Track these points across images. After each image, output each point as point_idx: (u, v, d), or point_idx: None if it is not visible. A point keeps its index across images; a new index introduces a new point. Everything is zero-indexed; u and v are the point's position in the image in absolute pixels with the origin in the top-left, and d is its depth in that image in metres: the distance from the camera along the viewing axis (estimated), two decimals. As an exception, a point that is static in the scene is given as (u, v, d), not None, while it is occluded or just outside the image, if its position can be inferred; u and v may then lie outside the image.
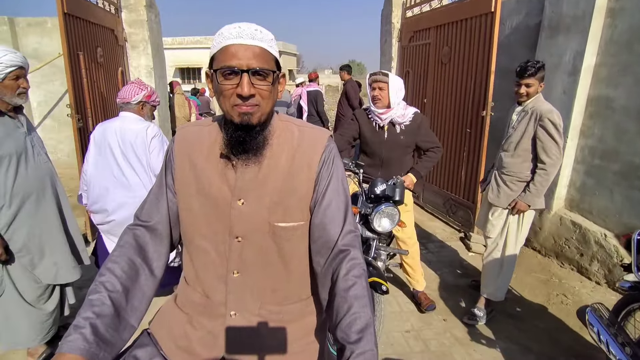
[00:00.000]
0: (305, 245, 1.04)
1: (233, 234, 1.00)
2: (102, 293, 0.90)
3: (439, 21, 4.48)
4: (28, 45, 6.63)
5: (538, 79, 2.52)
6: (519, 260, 3.60)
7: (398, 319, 2.82)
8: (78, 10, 3.84)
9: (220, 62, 0.91)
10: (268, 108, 0.97)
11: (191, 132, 1.08)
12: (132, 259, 1.00)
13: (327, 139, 1.05)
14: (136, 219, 1.08)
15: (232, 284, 1.02)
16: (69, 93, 3.71)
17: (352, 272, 0.93)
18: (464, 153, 4.20)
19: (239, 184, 0.99)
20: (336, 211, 1.01)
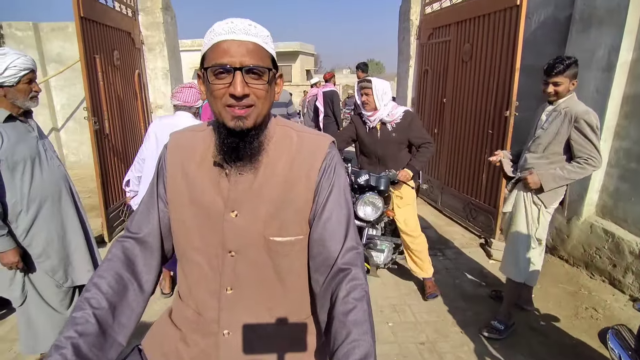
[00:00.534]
0: (304, 262, 0.97)
1: (226, 248, 0.93)
2: (86, 310, 0.85)
3: (460, 17, 4.29)
4: (52, 49, 6.83)
5: (568, 77, 2.35)
6: (544, 270, 3.40)
7: (412, 329, 2.67)
8: (94, 14, 3.87)
9: (211, 60, 0.84)
10: (264, 110, 0.89)
11: (184, 138, 1.01)
12: (119, 274, 0.94)
13: (328, 146, 0.97)
14: (126, 230, 1.02)
15: (226, 301, 0.95)
16: (86, 96, 3.74)
17: (353, 294, 0.84)
18: (485, 155, 4.00)
19: (232, 194, 0.92)
20: (337, 225, 0.92)
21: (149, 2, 5.54)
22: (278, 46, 24.35)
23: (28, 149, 1.91)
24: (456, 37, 4.43)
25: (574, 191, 3.41)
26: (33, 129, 1.99)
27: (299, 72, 24.80)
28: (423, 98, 5.34)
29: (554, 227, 3.61)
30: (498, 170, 3.81)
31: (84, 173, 6.84)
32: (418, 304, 2.99)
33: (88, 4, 3.72)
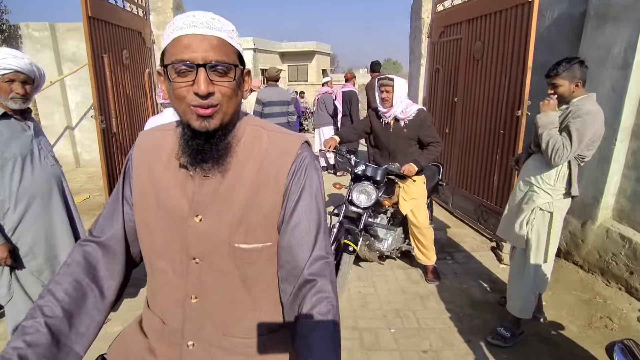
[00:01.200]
0: (272, 271, 0.91)
1: (190, 254, 0.87)
2: (37, 319, 0.80)
3: (471, 14, 4.17)
4: (67, 49, 6.97)
5: (567, 78, 2.26)
6: (557, 276, 3.27)
7: (416, 336, 2.59)
8: (103, 13, 3.90)
9: (171, 56, 0.78)
10: (231, 109, 0.83)
11: (153, 138, 0.96)
12: (78, 280, 0.88)
13: (299, 146, 0.90)
14: (89, 234, 0.96)
15: (190, 310, 0.90)
16: (93, 95, 3.78)
17: (317, 308, 0.79)
18: (497, 156, 3.88)
19: (197, 197, 0.86)
20: (306, 233, 0.86)
21: (160, 2, 5.59)
22: (295, 46, 24.45)
23: (20, 146, 1.91)
24: (467, 35, 4.31)
25: (589, 194, 3.26)
26: (29, 128, 1.99)
27: (315, 72, 24.79)
28: (434, 97, 5.23)
29: (568, 232, 3.47)
30: (510, 171, 3.69)
31: (97, 171, 6.93)
32: (423, 309, 2.90)
33: (96, 4, 3.75)
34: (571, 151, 2.22)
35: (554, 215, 2.39)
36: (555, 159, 2.25)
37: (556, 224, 2.40)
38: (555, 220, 2.39)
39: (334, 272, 0.88)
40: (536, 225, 2.43)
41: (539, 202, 2.40)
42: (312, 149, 0.96)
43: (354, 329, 2.66)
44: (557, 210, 2.39)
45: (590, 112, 2.19)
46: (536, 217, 2.42)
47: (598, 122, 2.21)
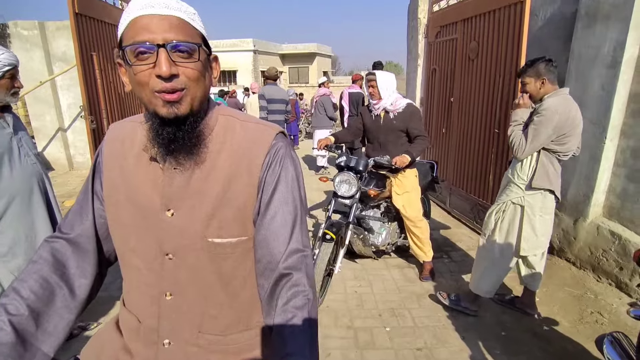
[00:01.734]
0: (249, 266, 0.88)
1: (163, 250, 0.85)
2: (0, 317, 0.77)
3: (466, 14, 4.21)
4: (58, 48, 6.87)
5: (533, 76, 2.40)
6: (550, 272, 3.32)
7: (410, 334, 2.60)
8: (91, 10, 3.85)
9: (129, 39, 0.73)
10: (199, 93, 0.79)
11: (123, 130, 0.91)
12: (45, 277, 0.85)
13: (273, 137, 0.87)
14: (57, 230, 0.93)
15: (165, 308, 0.87)
16: (82, 94, 3.74)
17: (293, 301, 0.78)
18: (492, 155, 3.91)
19: (167, 191, 0.83)
20: (281, 226, 0.83)
21: None
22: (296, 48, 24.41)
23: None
24: (463, 35, 4.34)
25: (580, 192, 3.31)
26: (8, 125, 1.94)
27: (315, 74, 24.84)
28: (431, 97, 5.26)
29: (561, 229, 3.51)
30: (505, 169, 3.71)
31: (89, 172, 6.89)
32: (418, 308, 2.92)
33: (84, 0, 3.70)
34: (527, 146, 2.34)
35: (525, 209, 2.47)
36: (516, 154, 2.41)
37: (527, 219, 2.48)
38: (526, 215, 2.48)
39: (312, 265, 0.86)
40: (508, 217, 2.55)
41: (512, 196, 2.52)
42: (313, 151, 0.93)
43: (349, 328, 2.67)
44: (528, 205, 2.47)
45: (548, 109, 2.28)
46: (509, 209, 2.54)
47: (556, 118, 2.27)
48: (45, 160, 7.30)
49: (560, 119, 2.28)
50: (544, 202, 2.47)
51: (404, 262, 3.61)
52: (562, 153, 2.40)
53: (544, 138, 2.32)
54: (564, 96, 2.37)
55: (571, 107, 2.33)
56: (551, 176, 2.41)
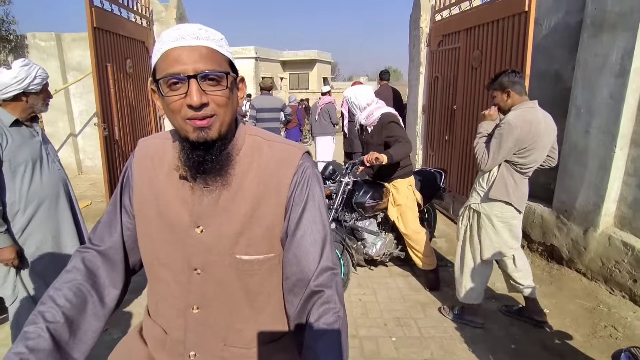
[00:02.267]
0: (275, 281, 0.91)
1: (191, 265, 0.87)
2: (39, 324, 0.80)
3: (469, 23, 4.22)
4: (72, 58, 7.08)
5: (498, 89, 2.46)
6: (560, 284, 3.26)
7: (417, 345, 2.56)
8: (107, 24, 3.97)
9: (162, 70, 0.77)
10: (228, 118, 0.82)
11: (152, 146, 0.94)
12: (78, 286, 0.88)
13: (300, 157, 0.89)
14: (88, 241, 0.96)
15: (192, 321, 0.90)
16: (96, 103, 3.83)
17: (324, 318, 0.80)
18: (498, 164, 3.88)
19: (197, 209, 0.86)
20: (311, 244, 0.85)
21: (163, 12, 5.67)
22: (297, 54, 24.66)
23: (30, 152, 1.98)
24: (465, 44, 4.36)
25: (590, 201, 3.26)
26: (37, 134, 2.07)
27: (316, 80, 25.00)
28: (434, 105, 5.26)
29: (570, 239, 3.45)
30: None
31: (99, 178, 6.97)
32: (424, 317, 2.88)
33: (101, 15, 3.82)
34: (489, 159, 2.41)
35: (481, 216, 2.55)
36: (479, 166, 2.49)
37: (484, 228, 2.55)
38: (482, 223, 2.55)
39: (341, 282, 0.89)
40: (467, 223, 2.65)
41: (471, 201, 2.62)
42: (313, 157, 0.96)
43: (354, 337, 2.64)
44: (484, 212, 2.53)
45: (508, 123, 2.31)
46: (468, 214, 2.65)
47: (516, 132, 2.28)
48: (57, 168, 7.46)
49: (521, 133, 2.29)
50: (501, 211, 2.49)
51: (408, 270, 3.58)
52: (524, 166, 2.40)
53: (504, 151, 2.35)
54: (527, 109, 2.37)
55: (532, 120, 2.32)
56: (510, 188, 2.43)
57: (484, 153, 2.44)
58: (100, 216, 2.29)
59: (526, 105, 2.39)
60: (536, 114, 2.36)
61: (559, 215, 3.56)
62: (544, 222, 3.72)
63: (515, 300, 3.05)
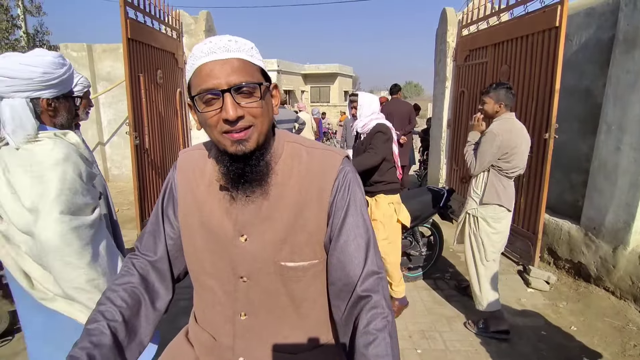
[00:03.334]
0: (320, 287, 0.92)
1: (237, 273, 0.89)
2: (100, 322, 0.83)
3: (497, 39, 4.24)
4: (103, 69, 7.31)
5: (493, 98, 2.67)
6: (588, 302, 3.22)
7: (442, 358, 2.56)
8: (141, 35, 4.11)
9: (196, 87, 0.78)
10: (264, 127, 0.82)
11: (193, 158, 0.96)
12: (133, 289, 0.92)
13: (341, 162, 0.89)
14: (137, 250, 1.00)
15: (240, 327, 0.92)
16: (129, 112, 3.95)
17: (373, 324, 0.79)
18: (524, 179, 3.86)
19: (241, 218, 0.87)
20: (356, 249, 0.85)
21: (193, 25, 5.85)
22: (318, 68, 24.91)
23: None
24: (493, 59, 4.37)
25: (620, 219, 3.21)
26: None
27: (337, 94, 25.18)
28: (459, 119, 5.26)
29: (599, 257, 3.40)
30: (537, 193, 3.66)
31: (126, 186, 7.17)
32: (450, 331, 2.87)
33: (135, 26, 3.97)
34: (477, 163, 2.68)
35: (478, 220, 2.76)
36: (469, 172, 2.77)
37: (483, 229, 2.75)
38: (481, 225, 2.76)
39: (387, 286, 0.88)
40: (470, 229, 2.82)
41: (468, 208, 2.82)
42: None
43: (380, 348, 2.64)
44: (481, 216, 2.75)
45: (490, 132, 2.60)
46: (467, 221, 2.84)
47: (498, 139, 2.57)
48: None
49: (502, 139, 2.57)
50: (495, 212, 2.73)
51: (432, 284, 3.57)
52: (509, 171, 2.66)
53: (489, 156, 2.63)
54: (506, 120, 2.66)
55: (511, 128, 2.61)
56: (500, 193, 2.69)
57: (472, 159, 2.72)
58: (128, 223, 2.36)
59: (505, 116, 2.69)
60: (514, 124, 2.65)
61: (587, 232, 3.51)
62: (572, 239, 3.68)
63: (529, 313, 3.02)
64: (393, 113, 6.31)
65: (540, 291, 3.45)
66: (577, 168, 3.93)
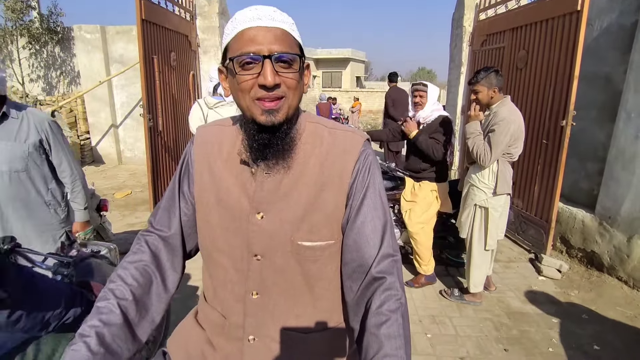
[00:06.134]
0: (335, 268, 0.90)
1: (251, 251, 0.87)
2: (110, 300, 0.83)
3: (516, 23, 4.14)
4: (116, 50, 7.32)
5: (485, 85, 2.66)
6: (600, 291, 3.21)
7: (452, 343, 2.59)
8: (155, 17, 4.10)
9: (236, 50, 0.77)
10: (295, 102, 0.82)
11: (211, 133, 0.95)
12: (144, 267, 0.91)
13: (362, 144, 0.89)
14: (150, 225, 0.98)
15: (251, 306, 0.90)
16: (142, 94, 3.97)
17: (387, 305, 0.78)
18: (538, 166, 3.82)
19: (258, 195, 0.86)
20: (372, 231, 0.84)
21: (206, 7, 5.81)
22: (330, 53, 24.61)
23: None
24: (511, 44, 4.28)
25: (637, 208, 3.17)
26: None
27: (349, 79, 24.92)
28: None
29: (613, 246, 3.37)
30: (552, 182, 3.62)
31: (138, 168, 7.24)
32: (460, 317, 2.89)
33: (149, 7, 3.95)
34: (492, 155, 2.62)
35: (489, 210, 2.77)
36: (483, 163, 2.67)
37: (492, 219, 2.79)
38: (491, 215, 2.78)
39: (401, 269, 0.86)
40: (477, 220, 2.85)
41: (476, 200, 2.81)
42: None
43: (390, 331, 2.68)
44: (492, 206, 2.77)
45: (504, 119, 2.57)
46: (476, 213, 2.84)
47: (512, 127, 2.58)
48: (97, 154, 7.77)
49: (514, 127, 2.59)
50: (505, 200, 2.81)
51: (443, 270, 3.58)
52: (513, 155, 2.72)
53: (504, 146, 2.62)
54: (511, 104, 2.67)
55: (518, 113, 2.66)
56: (508, 181, 2.74)
57: (485, 149, 2.64)
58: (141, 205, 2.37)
59: (507, 101, 2.68)
60: (516, 108, 2.69)
61: (601, 221, 3.48)
62: (586, 228, 3.64)
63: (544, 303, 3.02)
64: (396, 100, 6.33)
65: (552, 279, 3.45)
66: (593, 156, 3.87)
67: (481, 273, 2.95)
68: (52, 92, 8.00)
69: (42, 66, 7.94)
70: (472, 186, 2.81)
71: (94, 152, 7.75)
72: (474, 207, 2.83)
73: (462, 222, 2.96)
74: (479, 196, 2.78)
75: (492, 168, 2.71)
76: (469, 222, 2.90)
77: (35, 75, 8.00)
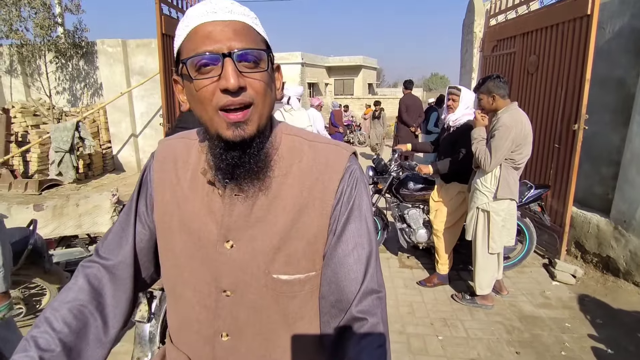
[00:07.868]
0: (317, 304, 0.78)
1: (220, 286, 0.74)
2: (29, 353, 0.67)
3: (526, 28, 4.17)
4: (136, 63, 7.61)
5: (485, 93, 2.74)
6: (615, 296, 3.18)
7: (463, 345, 2.61)
8: (174, 31, 4.26)
9: (190, 51, 0.64)
10: (267, 109, 0.69)
11: (175, 147, 0.81)
12: (80, 308, 0.75)
13: (347, 159, 0.76)
14: (95, 253, 0.83)
15: (221, 350, 0.77)
16: (162, 104, 4.15)
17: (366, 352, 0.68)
18: (551, 171, 3.81)
19: (227, 220, 0.73)
20: (354, 261, 0.72)
21: (221, 19, 6.00)
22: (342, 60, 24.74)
23: None
24: (521, 49, 4.30)
25: (652, 212, 3.14)
26: None
27: (360, 86, 25.00)
28: (485, 111, 5.21)
29: (628, 251, 3.33)
30: (565, 186, 3.61)
31: (157, 176, 7.47)
32: (471, 320, 2.91)
33: (169, 22, 4.15)
34: (492, 160, 2.66)
35: (490, 214, 2.82)
36: (485, 168, 2.72)
37: (494, 223, 2.83)
38: (492, 219, 2.82)
39: (386, 307, 0.75)
40: (480, 223, 2.89)
41: (478, 203, 2.86)
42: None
43: (401, 333, 2.72)
44: (493, 210, 2.81)
45: (503, 125, 2.62)
46: (479, 216, 2.89)
47: (513, 132, 2.60)
48: (118, 162, 8.04)
49: (515, 132, 2.61)
50: (508, 206, 2.83)
51: (454, 274, 3.60)
52: (518, 162, 2.72)
53: (504, 151, 2.65)
54: (515, 110, 2.70)
55: (522, 119, 2.67)
56: (512, 187, 2.76)
57: (486, 155, 2.70)
58: None
59: (512, 107, 2.72)
60: (522, 114, 2.71)
61: (616, 226, 3.44)
62: (600, 232, 3.61)
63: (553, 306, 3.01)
64: (410, 107, 6.55)
65: (566, 284, 3.43)
66: (607, 160, 3.84)
67: (487, 275, 2.98)
68: (77, 104, 8.36)
69: (67, 79, 8.32)
70: (476, 189, 2.87)
71: (115, 161, 8.02)
72: (477, 210, 2.89)
73: (467, 224, 3.02)
74: (481, 199, 2.83)
75: (495, 173, 2.76)
76: (472, 224, 2.96)
77: (61, 87, 8.38)
